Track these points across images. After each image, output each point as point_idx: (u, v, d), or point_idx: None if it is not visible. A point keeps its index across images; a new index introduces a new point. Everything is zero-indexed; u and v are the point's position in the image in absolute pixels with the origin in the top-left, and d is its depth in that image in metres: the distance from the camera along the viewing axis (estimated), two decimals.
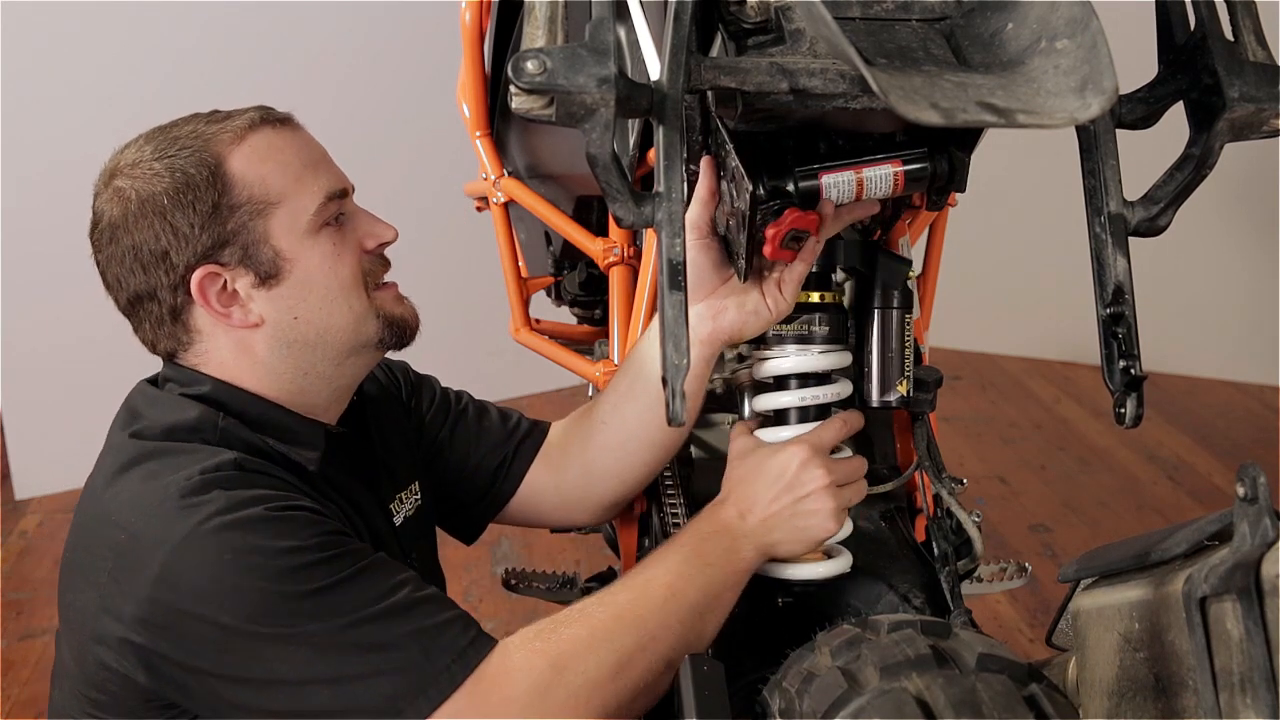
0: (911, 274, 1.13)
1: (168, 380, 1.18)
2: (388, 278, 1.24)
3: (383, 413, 1.35)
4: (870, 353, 1.12)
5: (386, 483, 1.31)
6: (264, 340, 1.16)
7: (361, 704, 0.98)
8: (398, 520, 1.30)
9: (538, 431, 1.42)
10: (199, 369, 1.17)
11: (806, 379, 1.10)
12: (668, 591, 1.05)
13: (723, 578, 1.07)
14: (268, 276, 1.13)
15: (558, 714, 0.99)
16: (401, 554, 1.26)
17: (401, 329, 1.22)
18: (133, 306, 1.16)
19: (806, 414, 1.10)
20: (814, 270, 1.09)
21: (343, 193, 1.18)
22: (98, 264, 1.17)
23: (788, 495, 1.08)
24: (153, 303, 1.15)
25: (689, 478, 1.36)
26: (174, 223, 1.11)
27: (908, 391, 1.11)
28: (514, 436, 1.42)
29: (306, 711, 0.99)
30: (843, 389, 1.10)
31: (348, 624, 0.99)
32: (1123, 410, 0.93)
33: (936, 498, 1.19)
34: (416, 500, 1.35)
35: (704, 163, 1.00)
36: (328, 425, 1.21)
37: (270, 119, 1.16)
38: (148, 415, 1.15)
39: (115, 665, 1.05)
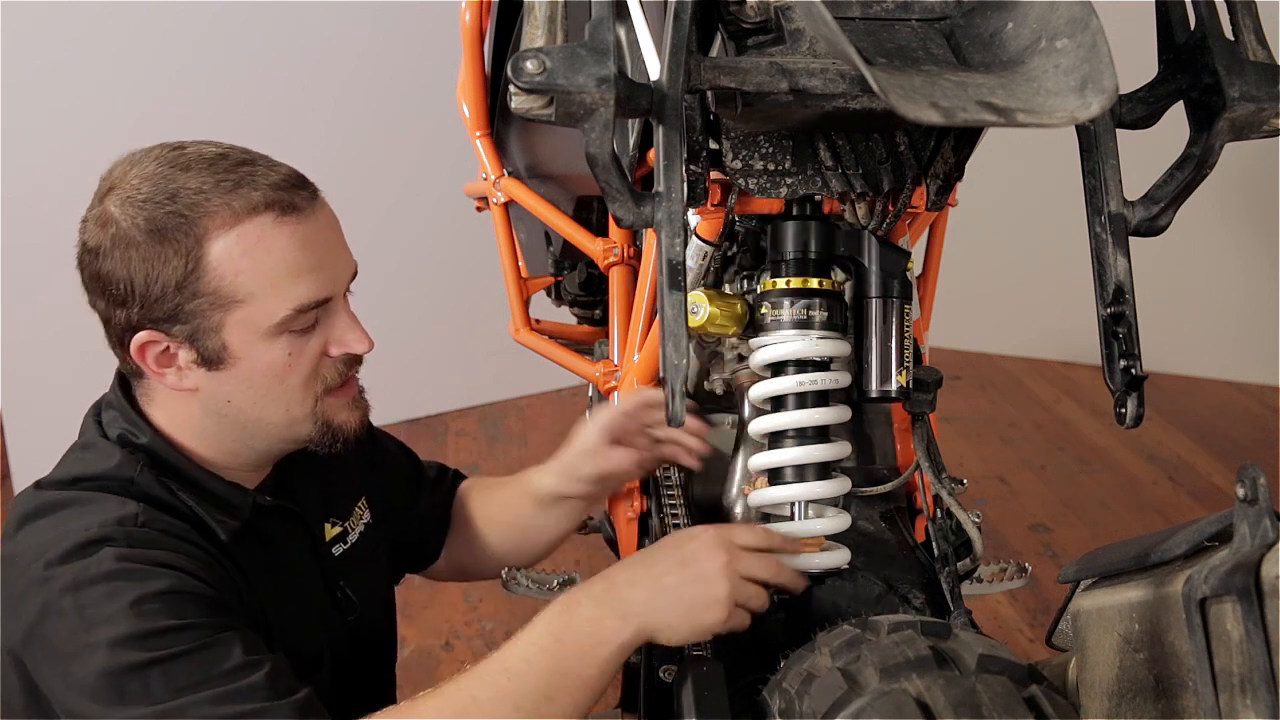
0: (910, 264, 1.13)
1: (110, 408, 1.17)
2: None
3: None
4: (869, 343, 1.11)
5: (330, 510, 1.31)
6: (198, 404, 1.14)
7: None
8: (344, 546, 1.31)
9: (449, 494, 1.52)
10: (145, 410, 1.16)
11: (804, 365, 1.09)
12: (505, 675, 0.99)
13: (576, 654, 0.98)
14: (209, 362, 1.11)
15: None
16: (342, 580, 1.30)
17: (337, 436, 1.18)
18: (100, 317, 1.15)
19: (804, 400, 1.09)
20: (812, 257, 1.09)
21: (321, 302, 1.12)
22: (78, 261, 1.13)
23: (678, 571, 1.00)
24: (109, 327, 1.14)
25: (689, 476, 1.36)
26: (137, 278, 1.07)
27: (906, 382, 1.10)
28: (439, 499, 1.52)
29: None
30: (841, 378, 1.10)
31: (173, 695, 0.98)
32: (1123, 410, 0.92)
33: (936, 498, 1.18)
34: (366, 520, 1.36)
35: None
36: (256, 495, 1.19)
37: (281, 204, 1.08)
38: (65, 461, 1.16)
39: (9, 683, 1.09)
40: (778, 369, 1.10)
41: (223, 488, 1.16)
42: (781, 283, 1.08)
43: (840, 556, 1.09)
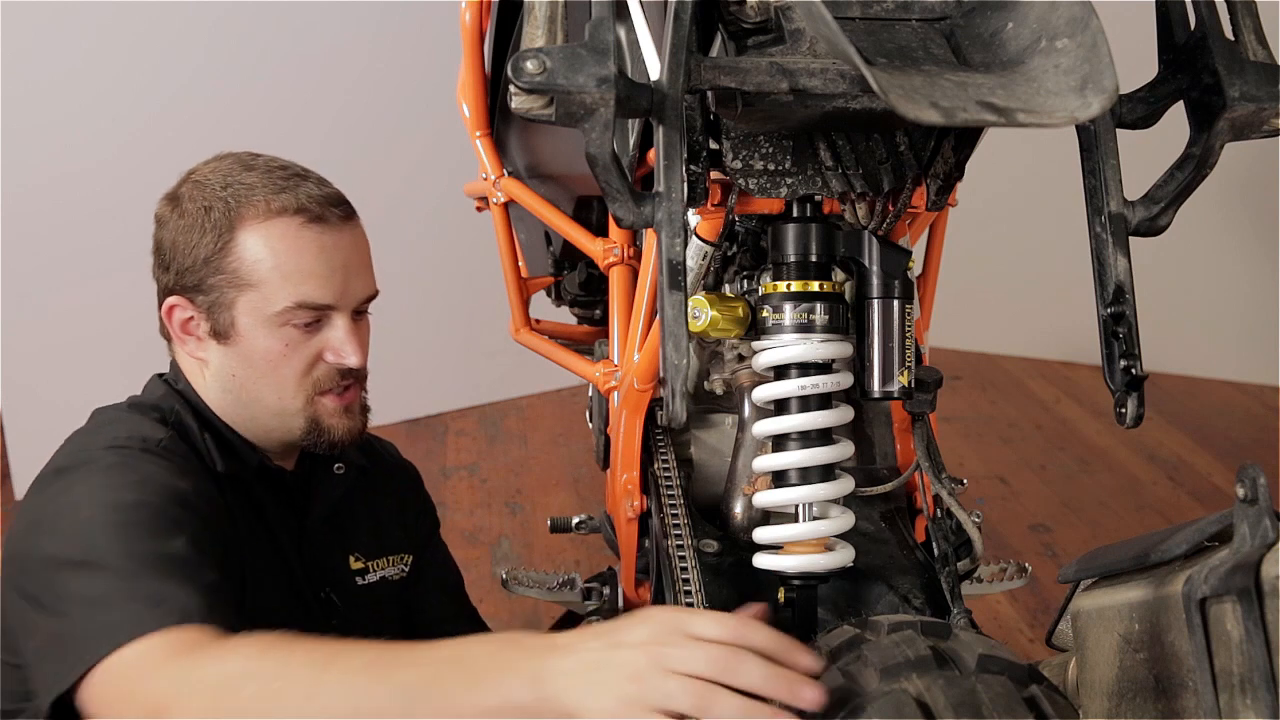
0: (911, 263, 1.12)
1: (171, 366, 1.33)
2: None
3: (387, 483, 1.49)
4: (871, 343, 1.11)
5: (364, 537, 1.42)
6: (210, 373, 1.29)
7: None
8: (370, 579, 1.42)
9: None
10: (180, 367, 1.32)
11: (807, 368, 1.09)
12: (391, 656, 0.89)
13: (464, 683, 0.84)
14: (219, 335, 1.26)
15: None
16: (330, 590, 1.38)
17: (322, 437, 1.29)
18: (156, 285, 1.30)
19: (807, 403, 1.09)
20: (813, 260, 1.09)
21: (323, 307, 1.24)
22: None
23: (605, 637, 0.84)
24: (158, 292, 1.29)
25: (689, 478, 1.36)
26: (180, 245, 1.24)
27: (909, 382, 1.10)
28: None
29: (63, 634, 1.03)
30: (843, 379, 1.10)
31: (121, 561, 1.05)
32: (1123, 410, 0.92)
33: (936, 498, 1.18)
34: (404, 569, 1.47)
35: None
36: (264, 457, 1.31)
37: (310, 213, 1.23)
38: (139, 396, 1.32)
39: None
40: (780, 372, 1.10)
41: (237, 440, 1.29)
42: (782, 286, 1.08)
43: (846, 555, 1.09)
